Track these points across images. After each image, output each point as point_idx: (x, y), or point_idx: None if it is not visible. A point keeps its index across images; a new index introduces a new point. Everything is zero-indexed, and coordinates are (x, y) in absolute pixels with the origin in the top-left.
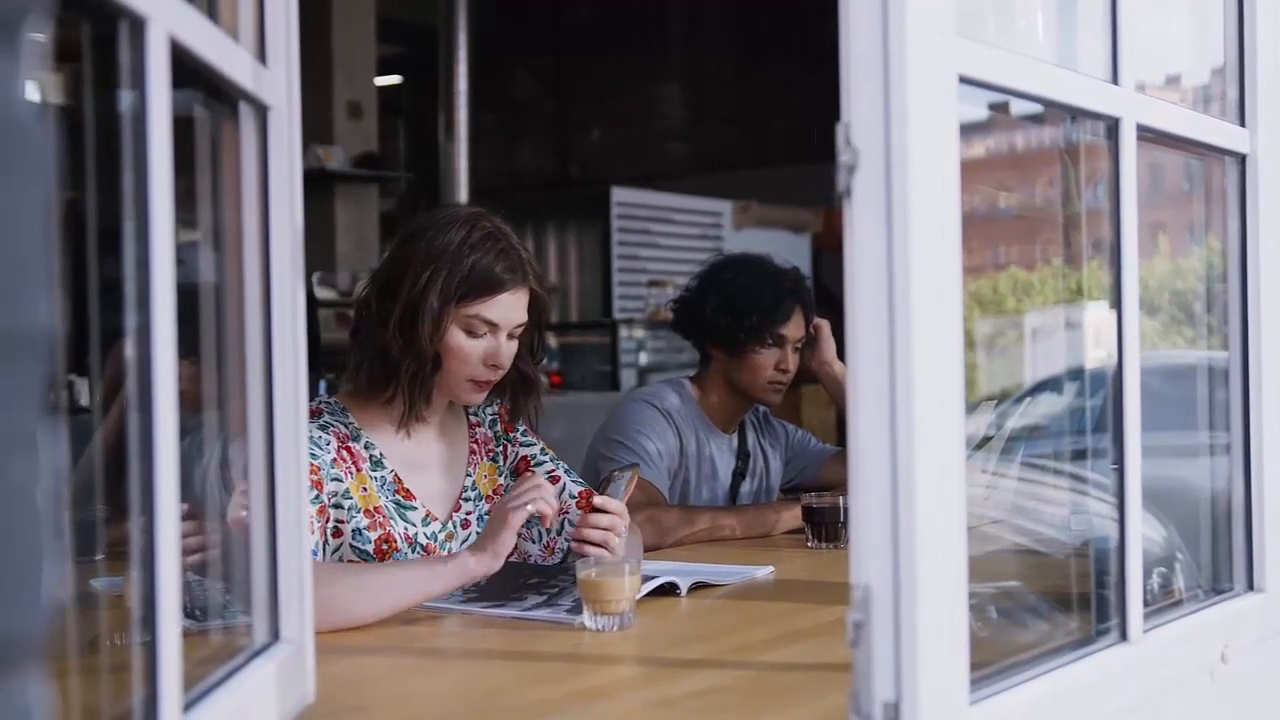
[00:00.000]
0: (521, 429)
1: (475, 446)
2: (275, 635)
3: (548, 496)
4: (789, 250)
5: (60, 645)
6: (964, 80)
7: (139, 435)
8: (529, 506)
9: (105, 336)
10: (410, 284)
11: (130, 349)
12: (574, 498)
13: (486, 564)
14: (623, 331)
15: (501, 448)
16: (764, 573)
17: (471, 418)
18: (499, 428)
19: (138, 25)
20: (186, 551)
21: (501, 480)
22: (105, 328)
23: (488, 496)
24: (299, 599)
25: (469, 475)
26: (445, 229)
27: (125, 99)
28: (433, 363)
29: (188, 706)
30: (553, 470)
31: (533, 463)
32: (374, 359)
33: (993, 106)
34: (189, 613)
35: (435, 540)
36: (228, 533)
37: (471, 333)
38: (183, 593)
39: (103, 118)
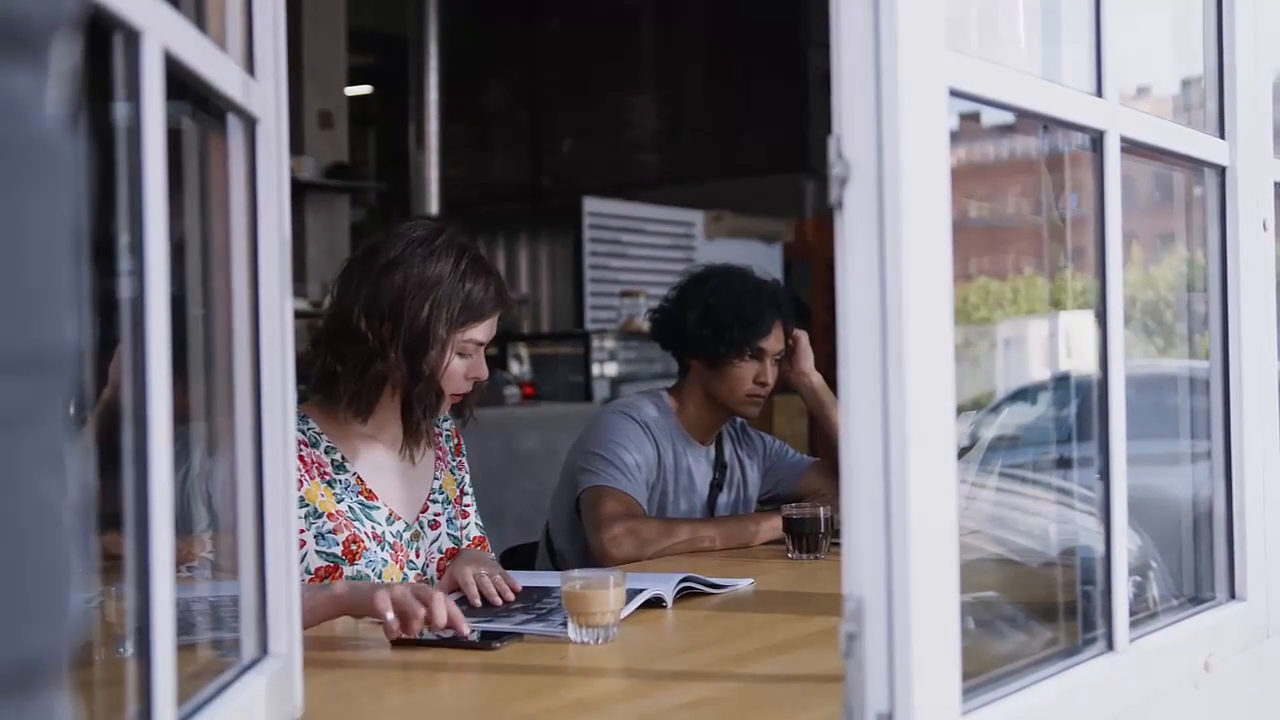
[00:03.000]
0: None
1: (440, 453)
2: (264, 650)
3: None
4: (760, 260)
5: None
6: (954, 93)
7: (133, 449)
8: (389, 616)
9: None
10: (411, 314)
11: (123, 362)
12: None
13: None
14: (595, 342)
15: (457, 462)
16: (746, 584)
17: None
18: (452, 445)
19: (132, 38)
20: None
21: (458, 491)
22: (96, 340)
23: (454, 501)
24: (287, 614)
25: (436, 479)
26: (432, 257)
27: (119, 110)
28: (439, 389)
29: None
30: (469, 506)
31: (464, 491)
32: (373, 385)
33: (964, 116)
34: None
35: (401, 539)
36: (207, 545)
37: (462, 354)
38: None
39: (95, 129)
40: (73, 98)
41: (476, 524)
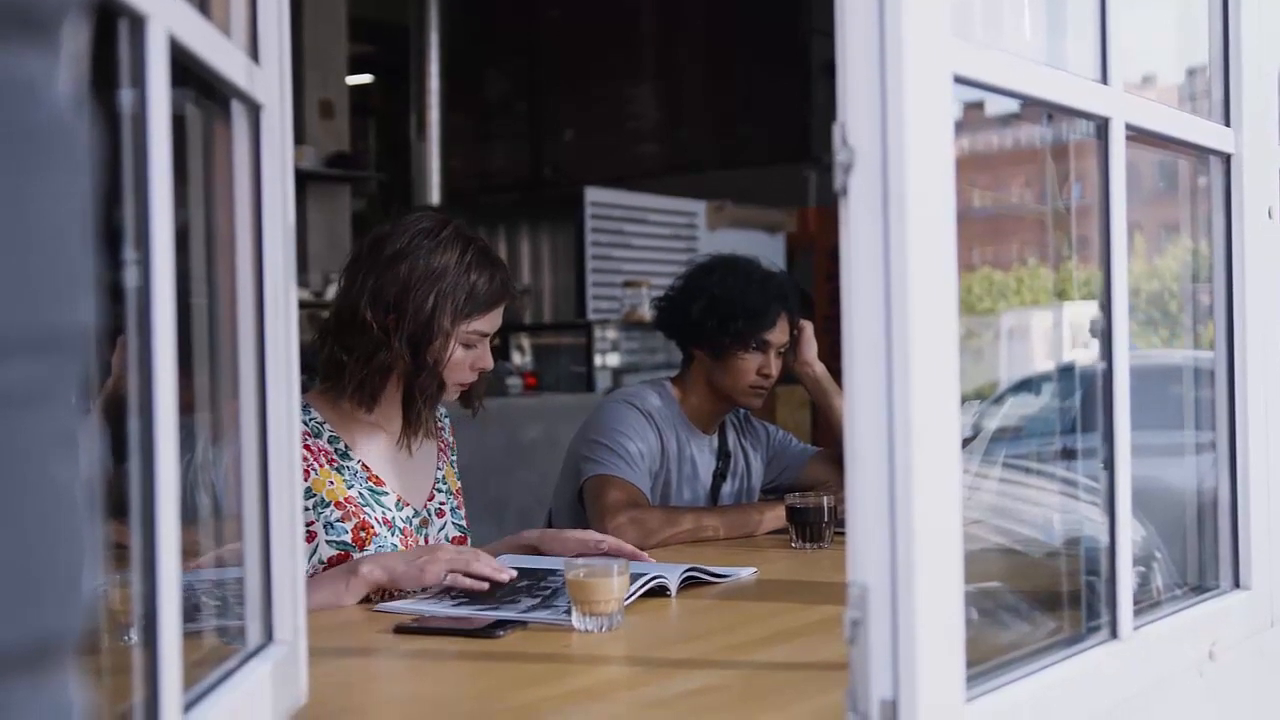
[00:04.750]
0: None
1: (442, 445)
2: (269, 636)
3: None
4: (763, 250)
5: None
6: (959, 80)
7: (140, 438)
8: (446, 580)
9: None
10: (416, 305)
11: (130, 350)
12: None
13: (376, 577)
14: (597, 332)
15: (454, 459)
16: (749, 573)
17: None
18: (450, 440)
19: (137, 23)
20: None
21: (459, 483)
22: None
23: (455, 493)
24: (293, 600)
25: (439, 469)
26: (438, 249)
27: (124, 97)
28: (441, 379)
29: (187, 707)
30: (457, 504)
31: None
32: (377, 374)
33: (968, 105)
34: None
35: (411, 525)
36: (216, 534)
37: (467, 345)
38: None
39: (100, 116)
40: (83, 80)
41: (457, 524)
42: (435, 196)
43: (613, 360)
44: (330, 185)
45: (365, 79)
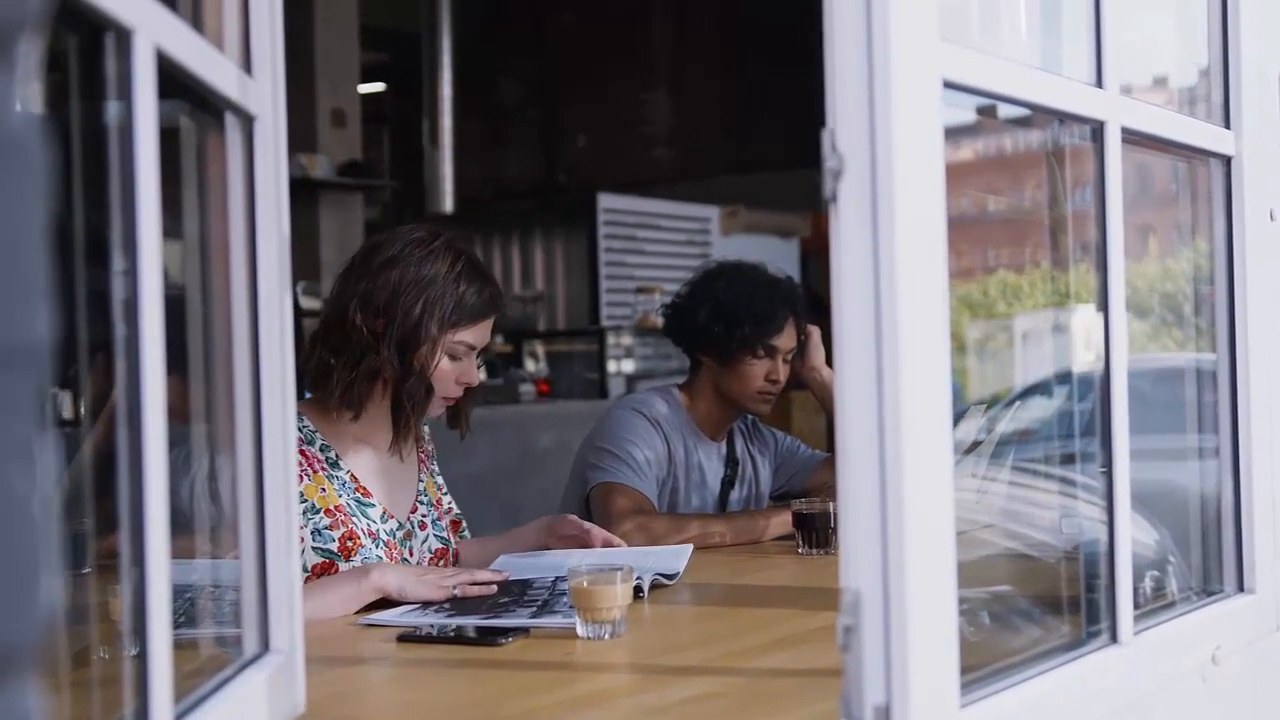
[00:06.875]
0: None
1: (423, 457)
2: (265, 646)
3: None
4: (777, 255)
5: (50, 657)
6: (948, 85)
7: (128, 449)
8: (456, 591)
9: (91, 349)
10: (405, 310)
11: (118, 362)
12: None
13: (386, 581)
14: (610, 339)
15: (435, 465)
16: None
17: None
18: (431, 448)
19: (124, 36)
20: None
21: (439, 493)
22: (91, 340)
23: (435, 504)
24: (289, 610)
25: (420, 481)
26: (429, 259)
27: (111, 110)
28: (429, 384)
29: (179, 717)
30: (437, 515)
31: (443, 490)
32: (364, 379)
33: (980, 110)
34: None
35: (395, 538)
36: (217, 546)
37: (453, 356)
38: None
39: (88, 128)
40: (42, 96)
41: (451, 512)
42: (449, 204)
43: (626, 366)
44: (343, 193)
45: (377, 87)
